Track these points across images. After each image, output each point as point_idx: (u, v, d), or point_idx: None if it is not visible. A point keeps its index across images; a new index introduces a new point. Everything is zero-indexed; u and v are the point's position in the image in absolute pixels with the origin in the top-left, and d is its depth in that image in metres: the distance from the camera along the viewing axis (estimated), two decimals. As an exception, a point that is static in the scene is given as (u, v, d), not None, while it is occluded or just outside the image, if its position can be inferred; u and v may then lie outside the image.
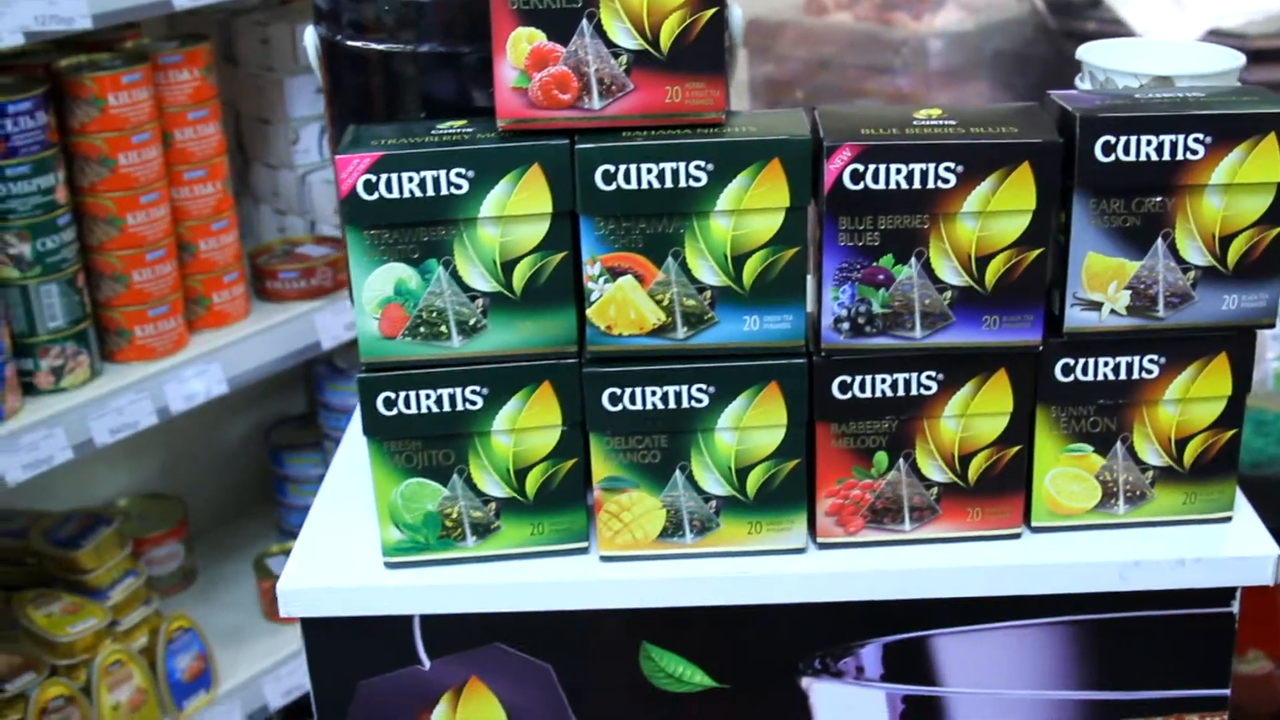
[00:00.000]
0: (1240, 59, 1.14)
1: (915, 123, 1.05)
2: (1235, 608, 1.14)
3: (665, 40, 1.03)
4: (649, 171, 1.03)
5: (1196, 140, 1.03)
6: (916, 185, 1.02)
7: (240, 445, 2.57)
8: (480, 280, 1.06)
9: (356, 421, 1.35)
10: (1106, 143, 1.03)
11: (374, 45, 1.13)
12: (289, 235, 2.34)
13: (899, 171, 1.02)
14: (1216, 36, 2.85)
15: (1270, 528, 1.16)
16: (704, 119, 1.05)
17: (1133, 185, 1.04)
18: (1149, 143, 1.03)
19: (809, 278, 1.07)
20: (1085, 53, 1.17)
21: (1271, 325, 1.09)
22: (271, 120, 2.29)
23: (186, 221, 2.06)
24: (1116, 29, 3.03)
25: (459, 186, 1.03)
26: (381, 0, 1.11)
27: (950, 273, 1.05)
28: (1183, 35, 2.99)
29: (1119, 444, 1.12)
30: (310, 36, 1.22)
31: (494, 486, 1.11)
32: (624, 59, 1.03)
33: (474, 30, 1.10)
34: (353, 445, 1.32)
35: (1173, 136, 1.03)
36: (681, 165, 1.02)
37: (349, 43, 1.15)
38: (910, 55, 3.05)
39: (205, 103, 2.04)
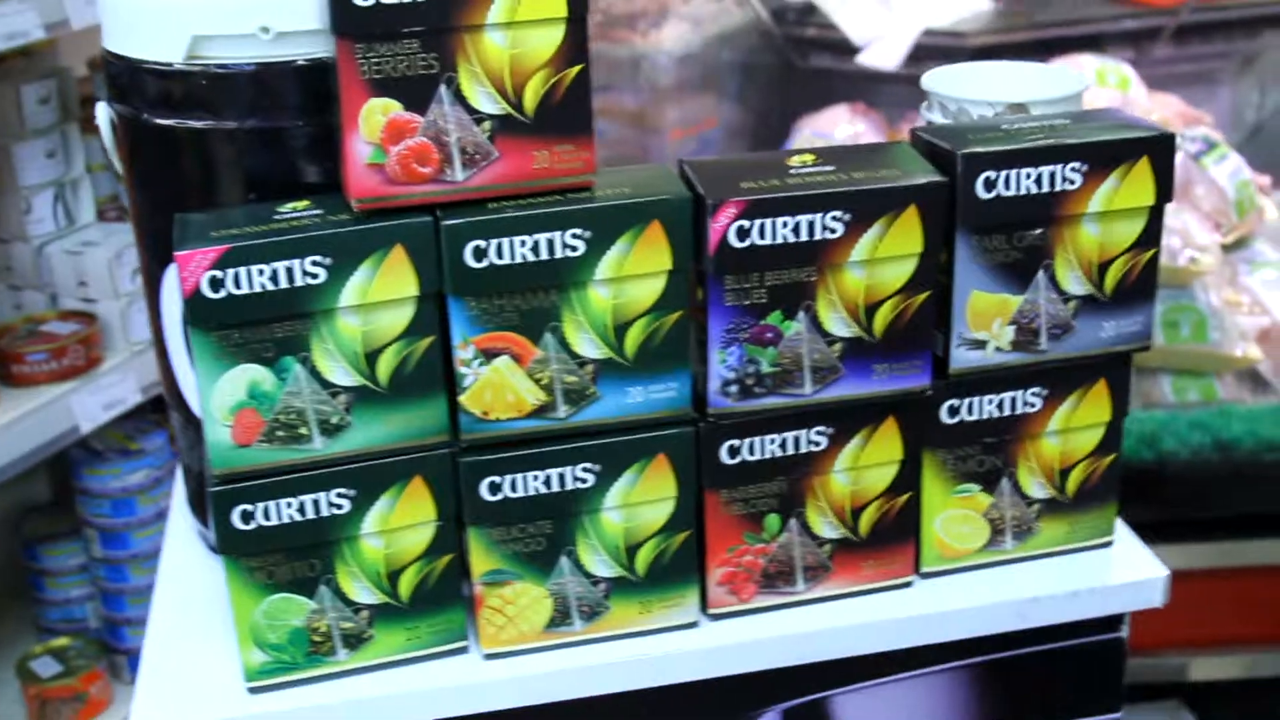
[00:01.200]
0: (1085, 81, 1.13)
1: (793, 170, 1.00)
2: (1125, 632, 1.13)
3: (530, 102, 0.96)
4: (522, 244, 0.95)
5: (1074, 170, 1.01)
6: (804, 237, 0.98)
7: (-13, 540, 2.38)
8: (342, 375, 0.97)
9: (177, 531, 1.23)
10: (988, 179, 1.00)
11: (189, 123, 1.02)
12: (29, 313, 2.17)
13: (785, 225, 0.97)
14: (933, 36, 2.92)
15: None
16: (576, 183, 0.98)
17: (1014, 220, 1.02)
18: (1028, 176, 1.01)
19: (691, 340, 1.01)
20: (931, 81, 1.15)
21: (1147, 348, 1.08)
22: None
23: (-84, 314, 1.88)
24: (833, 34, 3.08)
25: (315, 276, 0.94)
26: (195, 74, 1.00)
27: (839, 324, 1.01)
28: (897, 37, 3.05)
29: (1004, 480, 1.10)
30: (104, 114, 1.10)
31: (365, 593, 1.02)
32: (487, 125, 0.96)
33: (303, 102, 1.01)
34: (176, 558, 1.21)
35: (1051, 168, 1.01)
36: (556, 235, 0.96)
37: (157, 121, 1.04)
38: (641, 72, 3.03)
39: (-70, 180, 1.87)
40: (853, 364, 1.02)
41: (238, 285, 0.93)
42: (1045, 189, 1.01)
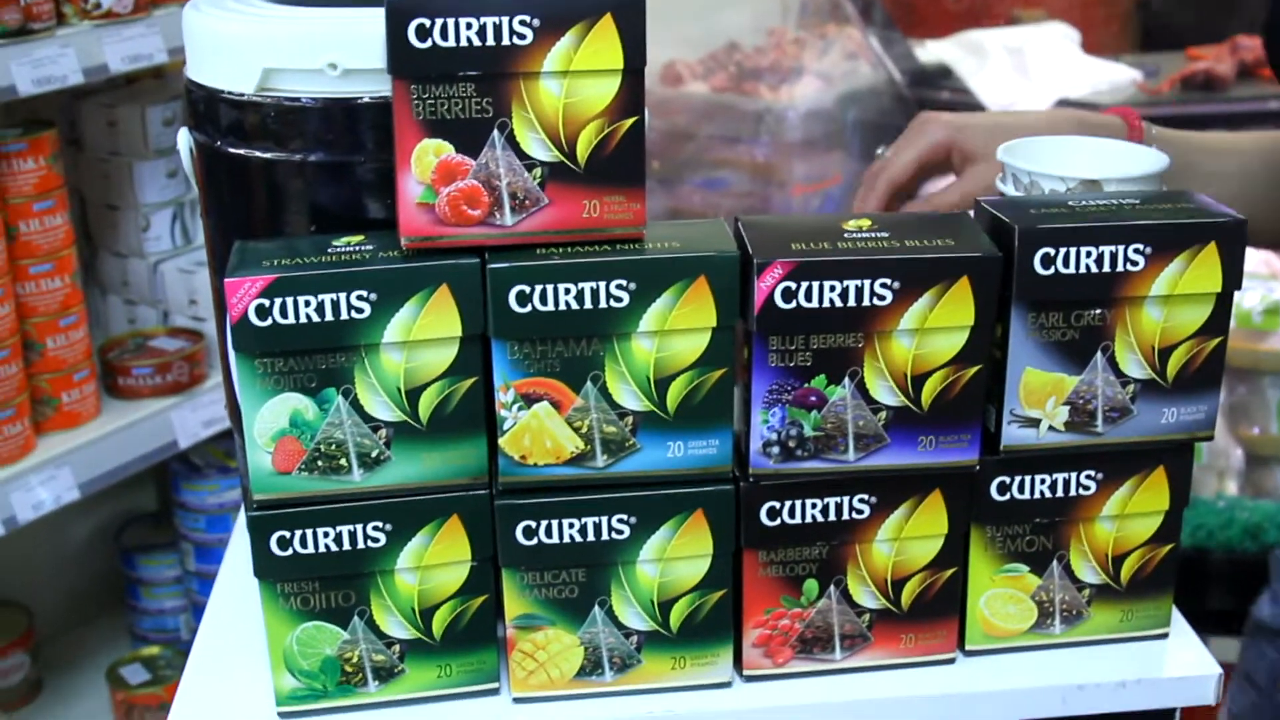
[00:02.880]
0: (1164, 160, 1.11)
1: (846, 235, 0.99)
2: (1176, 728, 1.10)
3: (582, 151, 0.96)
4: (566, 292, 0.95)
5: (1137, 251, 0.99)
6: (851, 303, 0.97)
7: (88, 546, 2.43)
8: (383, 409, 0.97)
9: (235, 553, 1.25)
10: (1046, 255, 0.98)
11: (258, 153, 1.04)
12: (140, 327, 2.22)
13: (833, 289, 0.96)
14: (1068, 106, 2.88)
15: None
16: (624, 234, 0.98)
17: (1072, 298, 1.00)
18: (1089, 254, 0.98)
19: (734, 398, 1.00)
20: (1006, 154, 1.13)
21: (1209, 438, 1.05)
22: (120, 206, 2.18)
23: (33, 319, 1.94)
24: (967, 98, 3.05)
25: (360, 310, 0.95)
26: (266, 105, 1.02)
27: (885, 392, 0.99)
28: (1033, 104, 3.02)
29: (1055, 563, 1.07)
30: (185, 140, 1.13)
31: (398, 628, 1.03)
32: (538, 171, 0.96)
33: (367, 138, 1.02)
34: (231, 579, 1.22)
35: (1113, 248, 0.98)
36: (601, 285, 0.96)
37: (229, 150, 1.06)
38: (769, 125, 3.03)
39: (51, 193, 1.93)
40: (898, 433, 1.00)
41: (284, 315, 0.94)
42: (1106, 269, 0.99)
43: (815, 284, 0.96)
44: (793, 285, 0.96)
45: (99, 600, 2.45)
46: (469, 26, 0.93)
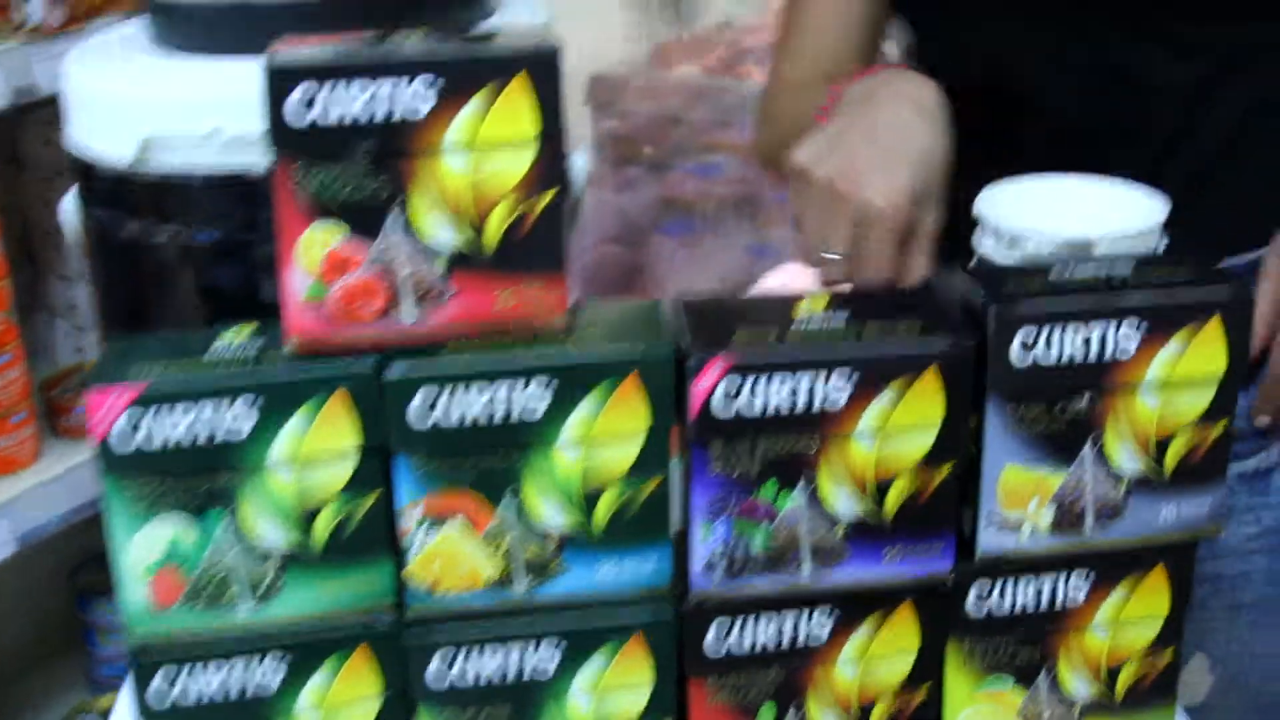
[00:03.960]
0: (1161, 211, 0.98)
1: (798, 321, 0.87)
2: None
3: (493, 235, 0.84)
4: (477, 398, 0.83)
5: (1129, 332, 0.86)
6: (803, 403, 0.84)
7: (43, 586, 2.32)
8: (274, 533, 0.86)
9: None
10: (1025, 340, 0.86)
11: (142, 229, 0.92)
12: (87, 358, 2.10)
13: (781, 388, 0.84)
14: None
15: None
16: (544, 327, 0.86)
17: (1056, 387, 0.87)
18: (1074, 337, 0.86)
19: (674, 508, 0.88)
20: (985, 204, 1.00)
21: (1216, 534, 0.93)
22: (63, 228, 2.05)
23: (-39, 361, 1.82)
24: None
25: (242, 424, 0.83)
26: (146, 178, 0.90)
27: (844, 501, 0.87)
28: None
29: (1042, 675, 0.95)
30: (70, 205, 1.00)
31: (304, 767, 0.91)
32: (443, 259, 0.84)
33: (262, 215, 0.90)
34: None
35: (1102, 329, 0.86)
36: (517, 388, 0.83)
37: (109, 225, 0.94)
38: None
39: (-18, 223, 1.80)
40: (860, 545, 0.88)
41: (155, 433, 0.83)
42: (1094, 353, 0.87)
43: (760, 383, 0.84)
44: (734, 385, 0.84)
45: (55, 645, 2.34)
46: (359, 96, 0.81)
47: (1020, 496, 0.90)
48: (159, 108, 0.89)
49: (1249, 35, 1.20)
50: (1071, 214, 1.00)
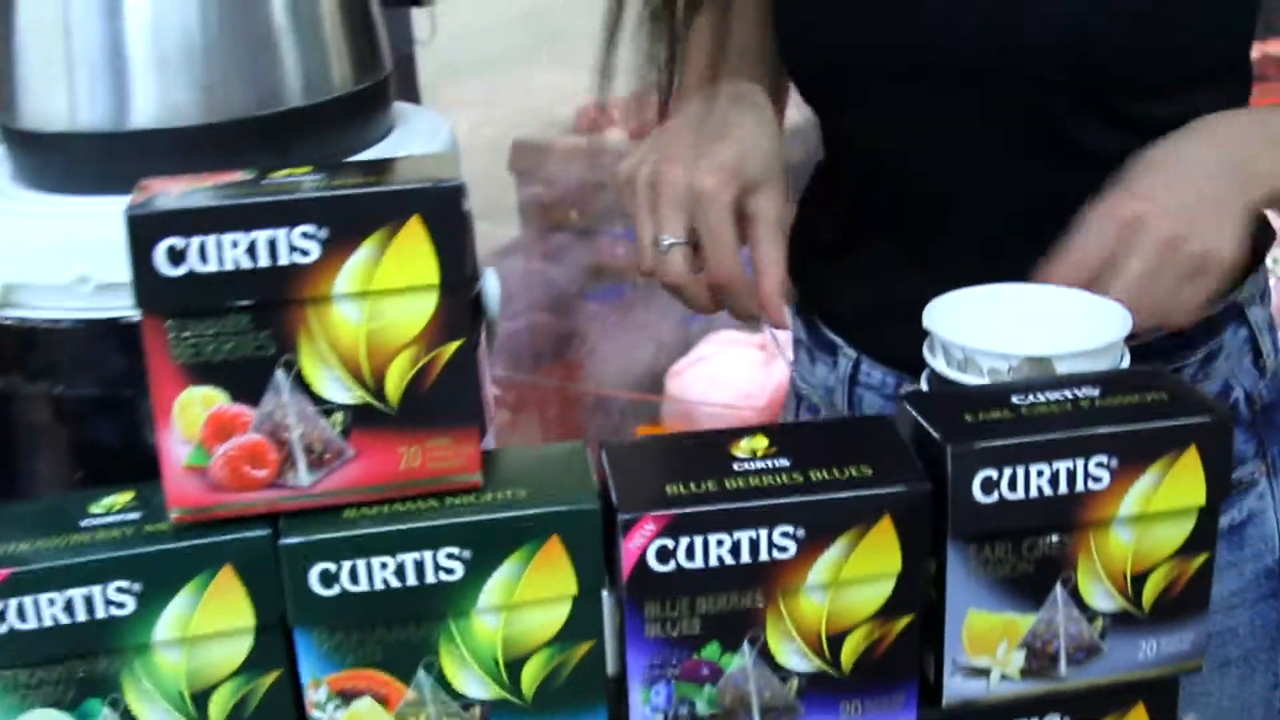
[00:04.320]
0: (1127, 322, 0.91)
1: (737, 466, 0.79)
2: None
3: (394, 389, 0.75)
4: (383, 567, 0.75)
5: (1100, 465, 0.79)
6: (746, 558, 0.77)
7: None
8: None
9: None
10: (987, 479, 0.78)
11: (10, 383, 0.83)
12: None
13: (721, 543, 0.76)
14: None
15: None
16: (454, 486, 0.77)
17: (1022, 527, 0.80)
18: (1040, 474, 0.78)
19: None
20: (934, 319, 0.92)
21: (1198, 669, 0.86)
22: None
23: None
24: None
25: (122, 605, 0.75)
26: (10, 327, 0.81)
27: (795, 657, 0.79)
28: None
29: (1018, 820, 0.87)
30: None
31: None
32: (339, 417, 0.76)
33: (139, 365, 0.81)
34: None
35: (1070, 463, 0.79)
36: (427, 555, 0.75)
37: (-24, 370, 0.85)
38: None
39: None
40: (815, 701, 0.81)
41: (22, 618, 0.74)
42: (1063, 490, 0.79)
43: (698, 539, 0.76)
44: (669, 543, 0.76)
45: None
46: (235, 245, 0.72)
47: (987, 641, 0.82)
48: (19, 252, 0.80)
49: (1189, 106, 1.12)
50: (1027, 328, 0.92)
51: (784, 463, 0.79)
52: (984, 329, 0.91)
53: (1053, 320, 0.94)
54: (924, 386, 0.94)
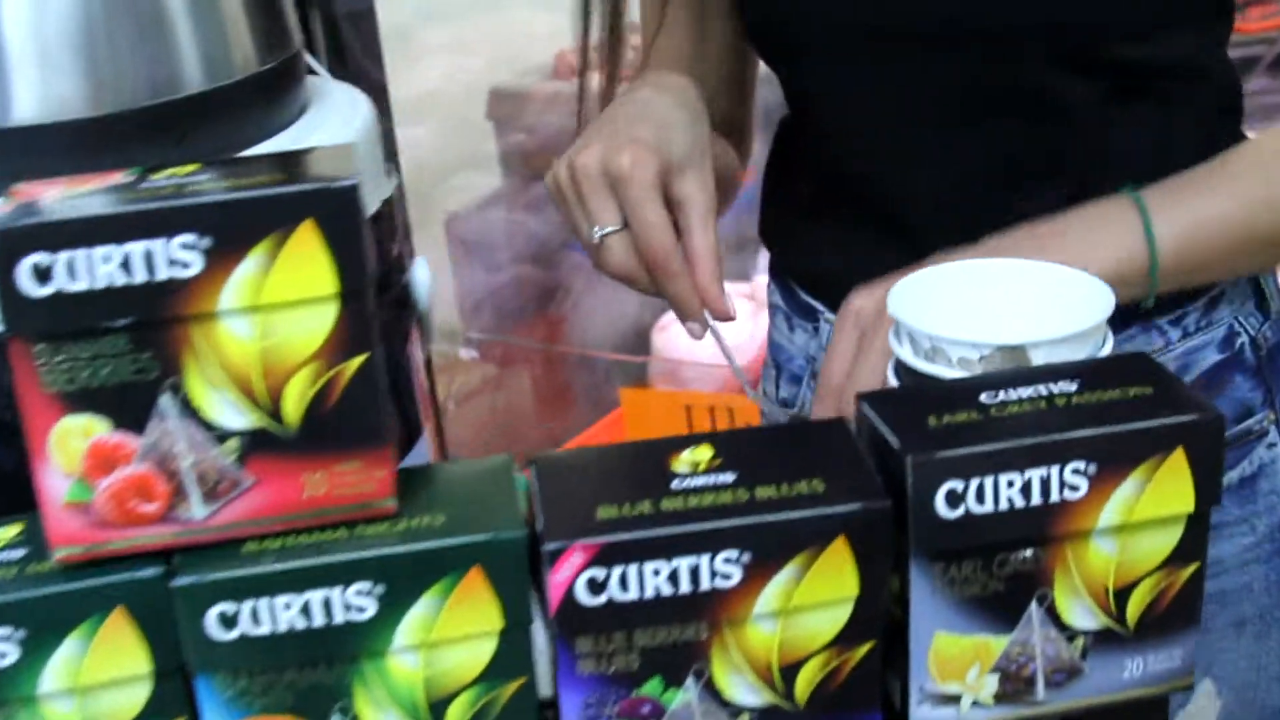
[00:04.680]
0: (1106, 304, 0.83)
1: (676, 484, 0.72)
2: None
3: (292, 411, 0.68)
4: (287, 607, 0.68)
5: (1077, 472, 0.71)
6: (686, 588, 0.69)
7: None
8: (57, 773, 0.70)
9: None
10: (951, 492, 0.71)
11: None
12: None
13: (658, 572, 0.69)
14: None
15: None
16: (366, 513, 0.70)
17: (992, 541, 0.72)
18: (1011, 484, 0.71)
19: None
20: (899, 303, 0.85)
21: (1188, 687, 0.79)
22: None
23: None
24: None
25: (3, 654, 0.68)
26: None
27: (745, 691, 0.73)
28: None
29: (997, 847, 0.81)
30: None
31: None
32: (234, 443, 0.68)
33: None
34: None
35: (1044, 471, 0.71)
36: (336, 592, 0.68)
37: None
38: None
39: None
40: (769, 735, 0.74)
41: (-108, 673, 0.67)
42: (1037, 499, 0.72)
43: (632, 569, 0.69)
44: (600, 574, 0.69)
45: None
46: (107, 259, 0.65)
47: (957, 666, 0.75)
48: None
49: (1166, 48, 1.04)
50: (1002, 310, 0.85)
51: (728, 478, 0.72)
52: (955, 312, 0.84)
53: (1030, 300, 0.86)
54: (891, 376, 0.86)
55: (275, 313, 0.67)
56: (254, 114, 0.82)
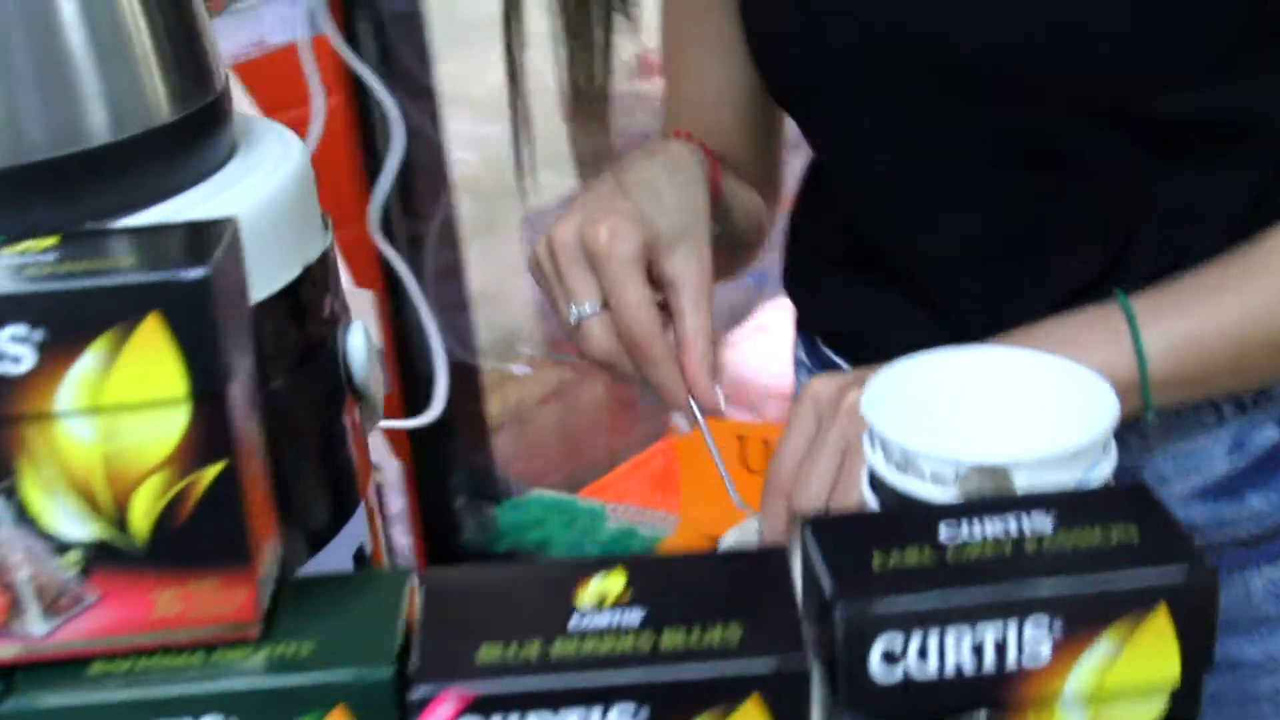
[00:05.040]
0: (1109, 415, 0.73)
1: (575, 620, 0.63)
2: None
3: (140, 522, 0.61)
4: (131, 737, 0.61)
5: (1040, 630, 0.62)
6: (572, 744, 0.61)
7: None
8: None
9: None
10: (889, 651, 0.61)
11: None
12: None
13: (541, 726, 0.60)
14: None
15: None
16: (225, 637, 0.63)
17: (936, 707, 0.63)
18: (960, 642, 0.62)
19: None
20: (873, 402, 0.75)
21: None
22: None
23: None
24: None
25: None
26: None
27: None
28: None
29: None
30: None
31: None
32: (75, 555, 0.61)
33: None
34: None
35: (998, 631, 0.62)
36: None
37: None
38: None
39: None
40: None
41: None
42: (991, 662, 0.62)
43: (513, 717, 0.61)
44: (477, 724, 0.60)
45: None
46: (-70, 348, 0.58)
47: (896, 837, 0.66)
48: None
49: (1194, 101, 0.93)
50: (991, 415, 0.75)
51: (634, 618, 0.63)
52: (935, 416, 0.74)
53: (1025, 402, 0.76)
54: (865, 486, 0.77)
55: (119, 415, 0.59)
56: (169, 166, 0.75)
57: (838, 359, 1.15)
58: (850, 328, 1.12)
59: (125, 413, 0.60)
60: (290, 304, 0.77)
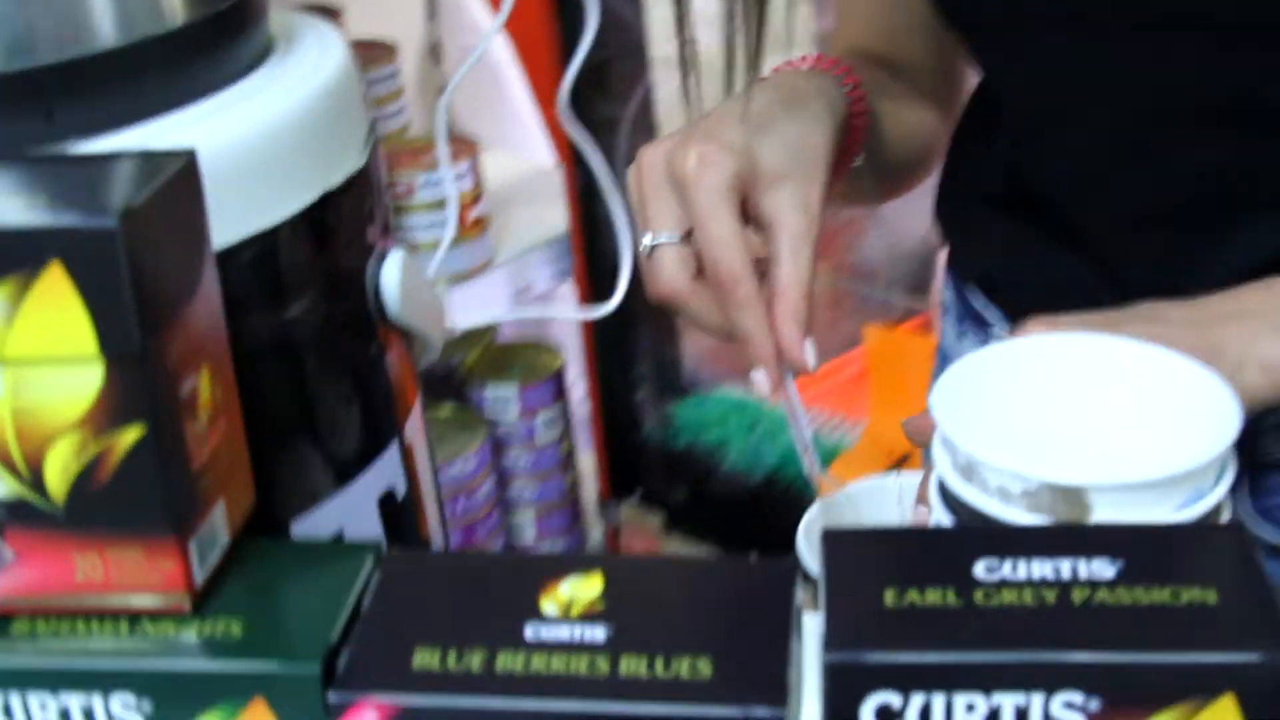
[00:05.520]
0: (1226, 436, 0.61)
1: (533, 629, 0.55)
2: None
3: (56, 483, 0.55)
4: (44, 708, 0.57)
5: (1071, 707, 0.51)
6: (508, 775, 0.53)
7: None
8: None
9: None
10: (885, 708, 0.52)
11: None
12: None
13: (473, 748, 0.53)
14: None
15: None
16: (154, 608, 0.57)
17: (941, 777, 0.53)
18: (971, 709, 0.52)
19: None
20: (945, 395, 0.64)
21: None
22: None
23: None
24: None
25: None
26: None
27: None
28: None
29: None
30: None
31: None
32: (-8, 509, 0.56)
33: None
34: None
35: (1019, 700, 0.52)
36: (96, 700, 0.56)
37: None
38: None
39: None
40: None
41: None
42: (1006, 734, 0.52)
43: (444, 737, 0.53)
44: (401, 740, 0.53)
45: None
46: None
47: None
48: None
49: None
50: (1088, 422, 0.63)
51: (598, 635, 0.55)
52: (1013, 418, 0.63)
53: (1124, 410, 0.64)
54: (932, 488, 0.67)
55: (25, 369, 0.53)
56: (182, 71, 0.68)
57: (988, 309, 1.02)
58: (1006, 276, 0.99)
59: (31, 366, 0.54)
60: (310, 229, 0.70)
